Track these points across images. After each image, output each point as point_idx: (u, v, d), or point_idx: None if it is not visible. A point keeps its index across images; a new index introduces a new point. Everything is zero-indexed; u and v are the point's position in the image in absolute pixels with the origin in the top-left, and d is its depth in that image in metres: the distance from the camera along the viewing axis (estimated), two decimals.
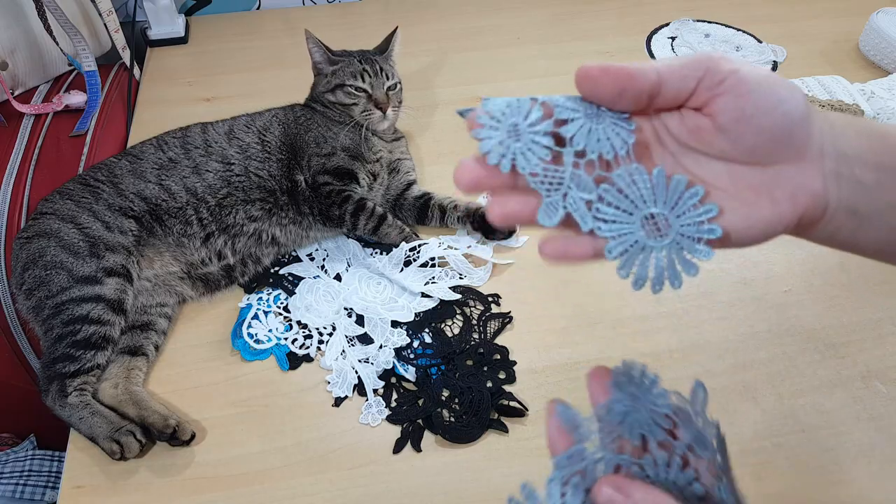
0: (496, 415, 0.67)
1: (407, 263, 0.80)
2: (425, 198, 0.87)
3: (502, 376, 0.71)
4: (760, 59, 1.15)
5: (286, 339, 0.74)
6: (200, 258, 0.78)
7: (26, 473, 0.87)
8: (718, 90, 0.31)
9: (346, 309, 0.77)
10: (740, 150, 0.32)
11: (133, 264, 0.74)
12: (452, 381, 0.69)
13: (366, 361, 0.72)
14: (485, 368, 0.71)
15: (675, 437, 0.33)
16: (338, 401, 0.69)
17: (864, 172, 0.32)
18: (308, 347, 0.74)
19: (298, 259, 0.83)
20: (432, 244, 0.81)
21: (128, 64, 1.10)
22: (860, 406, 0.68)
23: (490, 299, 0.78)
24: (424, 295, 0.77)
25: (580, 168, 0.32)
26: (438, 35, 1.22)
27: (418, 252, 0.80)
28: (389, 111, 0.87)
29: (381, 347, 0.73)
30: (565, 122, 0.32)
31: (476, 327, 0.75)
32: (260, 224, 0.81)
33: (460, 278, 0.79)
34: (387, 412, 0.68)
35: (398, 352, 0.72)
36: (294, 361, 0.72)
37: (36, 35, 0.98)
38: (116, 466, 0.64)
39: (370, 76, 0.87)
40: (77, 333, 0.68)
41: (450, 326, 0.75)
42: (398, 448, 0.65)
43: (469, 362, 0.71)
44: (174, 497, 0.62)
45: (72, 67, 1.04)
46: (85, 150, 0.92)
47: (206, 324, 0.77)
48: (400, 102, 0.91)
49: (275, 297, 0.78)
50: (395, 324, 0.75)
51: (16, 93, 0.98)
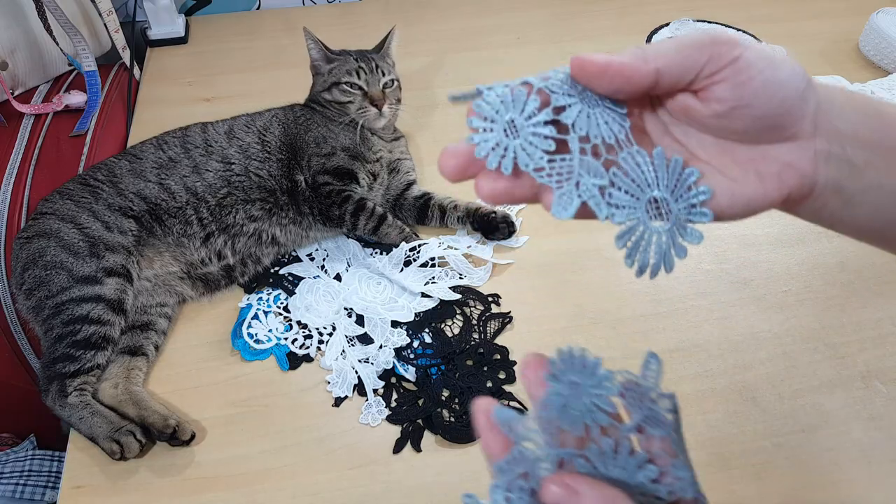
0: None
1: (407, 263, 0.80)
2: (425, 198, 0.87)
3: (502, 376, 0.71)
4: None
5: (286, 339, 0.74)
6: (200, 258, 0.78)
7: (26, 473, 0.87)
8: (717, 77, 0.30)
9: (346, 309, 0.77)
10: (730, 131, 0.31)
11: (133, 264, 0.74)
12: (452, 381, 0.70)
13: (366, 361, 0.72)
14: (485, 368, 0.71)
15: (622, 420, 0.31)
16: (338, 401, 0.69)
17: (856, 151, 0.31)
18: (308, 347, 0.74)
19: (298, 259, 0.83)
20: (432, 244, 0.81)
21: (128, 64, 1.10)
22: (860, 406, 0.68)
23: (490, 299, 0.78)
24: (424, 295, 0.77)
25: (587, 154, 0.30)
26: (438, 35, 1.22)
27: (418, 252, 0.80)
28: (385, 108, 0.87)
29: (381, 347, 0.73)
30: (563, 109, 0.31)
31: (476, 327, 0.75)
32: (260, 224, 0.81)
33: (460, 278, 0.79)
34: (387, 412, 0.68)
35: (398, 352, 0.72)
36: (294, 361, 0.72)
37: (36, 35, 0.98)
38: (116, 466, 0.64)
39: (366, 73, 0.87)
40: (77, 333, 0.68)
41: (450, 326, 0.75)
42: (398, 448, 0.65)
43: (469, 362, 0.71)
44: (174, 497, 0.62)
45: (72, 67, 1.04)
46: (85, 150, 0.92)
47: (206, 324, 0.77)
48: (398, 100, 0.91)
49: (275, 297, 0.78)
50: (395, 324, 0.75)
51: (16, 93, 0.98)
